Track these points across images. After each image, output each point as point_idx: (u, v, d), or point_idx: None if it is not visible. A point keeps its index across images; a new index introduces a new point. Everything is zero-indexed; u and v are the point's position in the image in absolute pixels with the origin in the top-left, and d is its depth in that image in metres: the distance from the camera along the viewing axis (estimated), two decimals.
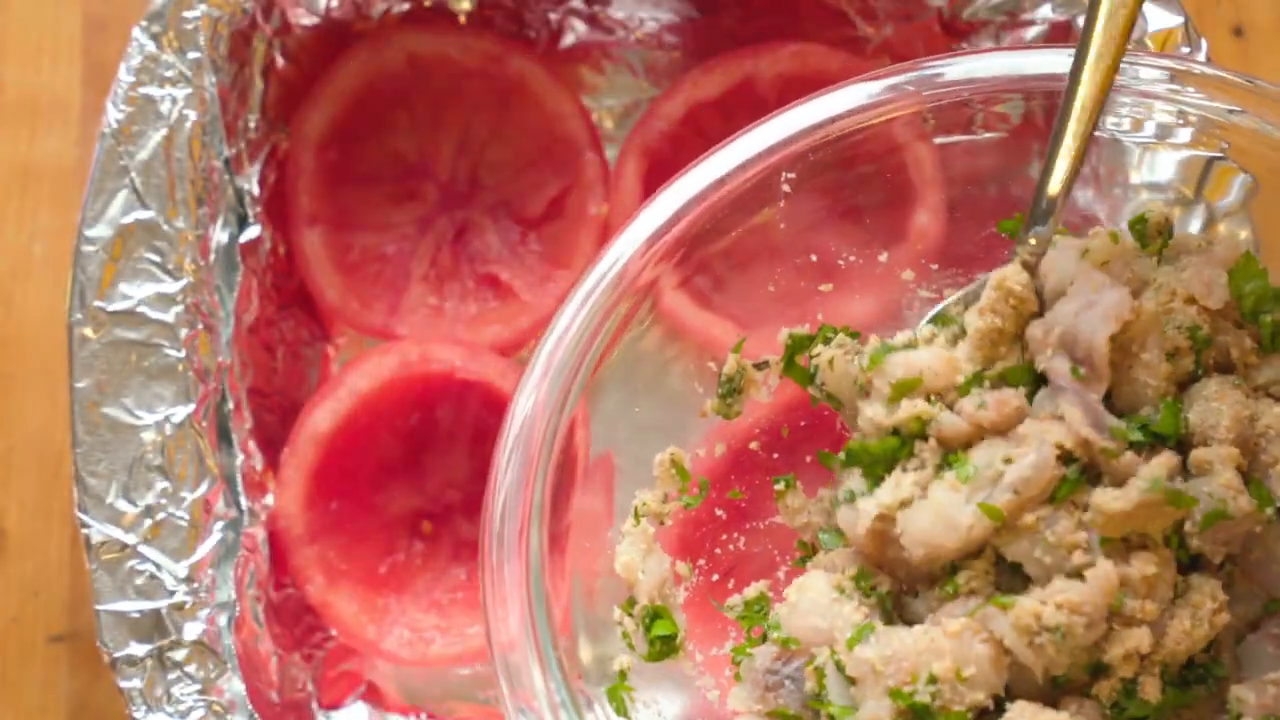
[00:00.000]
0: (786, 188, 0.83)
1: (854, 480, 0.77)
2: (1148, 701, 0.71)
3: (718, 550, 0.87)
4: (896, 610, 0.76)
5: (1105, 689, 0.72)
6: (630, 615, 0.80)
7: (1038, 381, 0.75)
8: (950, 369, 0.75)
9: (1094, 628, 0.70)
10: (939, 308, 0.83)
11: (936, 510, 0.73)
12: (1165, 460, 0.71)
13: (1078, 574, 0.71)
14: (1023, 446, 0.72)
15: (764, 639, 0.78)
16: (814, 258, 0.87)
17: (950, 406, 0.75)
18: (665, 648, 0.80)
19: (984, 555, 0.74)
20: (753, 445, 0.87)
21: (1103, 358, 0.72)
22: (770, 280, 0.87)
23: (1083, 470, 0.72)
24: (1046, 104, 0.83)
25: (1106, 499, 0.70)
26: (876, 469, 0.76)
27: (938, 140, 0.86)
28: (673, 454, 0.83)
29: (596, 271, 0.79)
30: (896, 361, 0.76)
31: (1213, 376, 0.75)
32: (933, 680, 0.70)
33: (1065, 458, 0.72)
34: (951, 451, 0.74)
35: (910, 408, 0.74)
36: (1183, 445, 0.74)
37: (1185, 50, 0.91)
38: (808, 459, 0.86)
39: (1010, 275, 0.76)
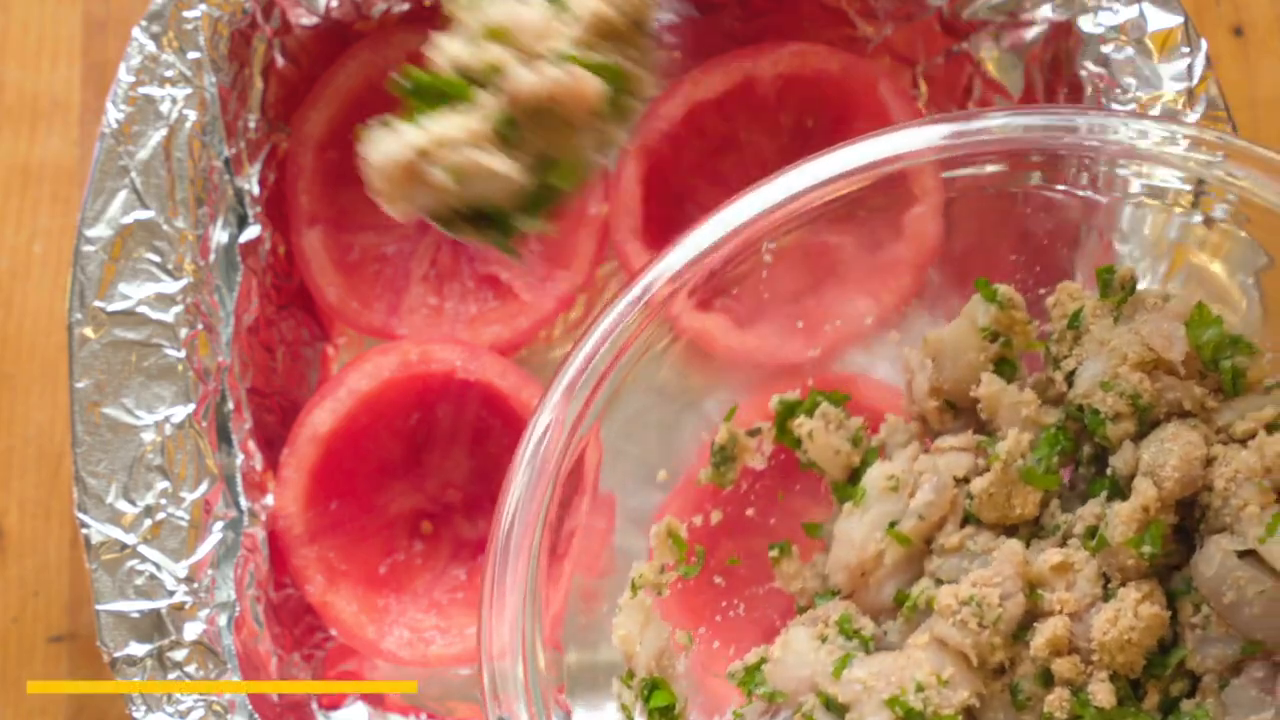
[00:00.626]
0: (768, 257, 0.85)
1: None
2: (1104, 710, 0.74)
3: (717, 617, 0.89)
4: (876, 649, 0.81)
5: (1057, 699, 0.75)
6: (629, 687, 0.81)
7: None
8: (548, 30, 0.76)
9: (1010, 601, 0.76)
10: None
11: (848, 539, 0.81)
12: (1017, 438, 0.79)
13: None
14: (923, 476, 0.80)
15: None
16: (800, 324, 0.90)
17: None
18: (665, 719, 0.81)
19: (925, 574, 0.80)
20: (749, 512, 0.89)
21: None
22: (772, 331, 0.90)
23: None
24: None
25: (976, 484, 0.79)
26: (435, 103, 0.76)
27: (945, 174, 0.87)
28: (669, 524, 0.85)
29: (624, 299, 0.80)
30: (498, 6, 0.76)
31: (1171, 420, 0.79)
32: (920, 688, 0.75)
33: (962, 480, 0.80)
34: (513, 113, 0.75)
35: (491, 52, 0.75)
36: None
37: (1185, 50, 0.91)
38: (804, 522, 0.87)
39: None
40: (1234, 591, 0.74)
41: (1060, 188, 0.97)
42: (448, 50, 0.77)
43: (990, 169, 0.84)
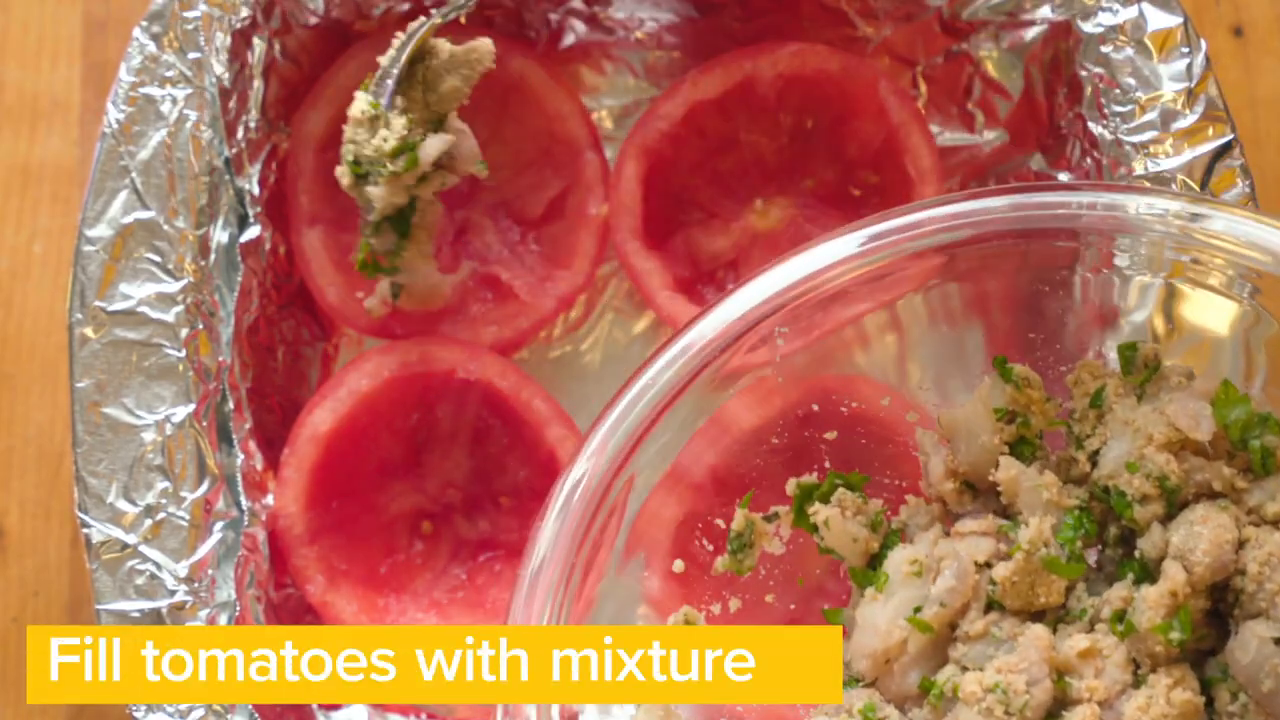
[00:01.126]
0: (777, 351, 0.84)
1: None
2: None
3: (739, 708, 0.87)
4: None
5: None
6: None
7: None
8: None
9: (1038, 688, 0.74)
10: None
11: (871, 626, 0.79)
12: (1039, 526, 0.77)
13: None
14: (943, 561, 0.78)
15: None
16: (815, 407, 0.88)
17: None
18: None
19: (950, 661, 0.78)
20: (769, 598, 0.87)
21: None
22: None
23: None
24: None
25: (999, 570, 0.77)
26: None
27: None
28: (686, 614, 0.83)
29: (684, 341, 0.80)
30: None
31: (1200, 502, 0.77)
32: None
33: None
34: None
35: None
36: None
37: (1184, 50, 0.91)
38: (825, 608, 0.86)
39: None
40: (1273, 679, 0.72)
41: (1062, 177, 0.98)
42: None
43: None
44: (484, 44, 0.92)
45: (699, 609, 0.84)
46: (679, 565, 0.85)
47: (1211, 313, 0.83)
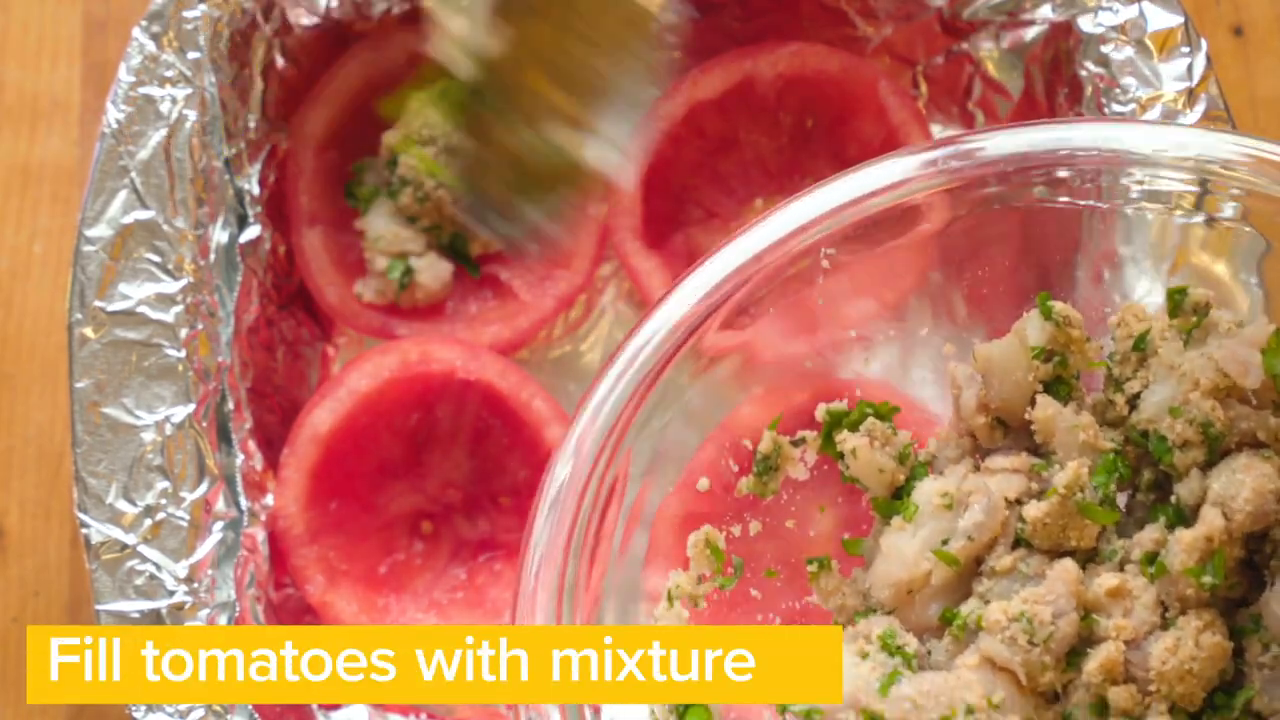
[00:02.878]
0: (825, 263, 0.82)
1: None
2: None
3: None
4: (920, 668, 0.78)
5: None
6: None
7: None
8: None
9: (1063, 620, 0.73)
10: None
11: (897, 556, 0.78)
12: (1076, 469, 0.76)
13: None
14: (972, 496, 0.77)
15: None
16: (852, 333, 0.87)
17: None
18: None
19: (974, 595, 0.78)
20: (789, 524, 0.87)
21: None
22: (808, 354, 0.87)
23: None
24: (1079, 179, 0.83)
25: (1030, 510, 0.76)
26: None
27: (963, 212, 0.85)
28: (707, 534, 0.83)
29: (643, 334, 0.79)
30: None
31: (1243, 451, 0.76)
32: (970, 710, 0.73)
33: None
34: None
35: None
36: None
37: (1185, 50, 0.91)
38: (846, 536, 0.86)
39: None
40: None
41: (1063, 199, 0.97)
42: None
43: (994, 188, 0.83)
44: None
45: (720, 529, 0.83)
46: (704, 483, 0.84)
47: (1208, 252, 0.83)
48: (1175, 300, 0.80)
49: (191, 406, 0.89)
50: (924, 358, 0.90)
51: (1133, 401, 0.79)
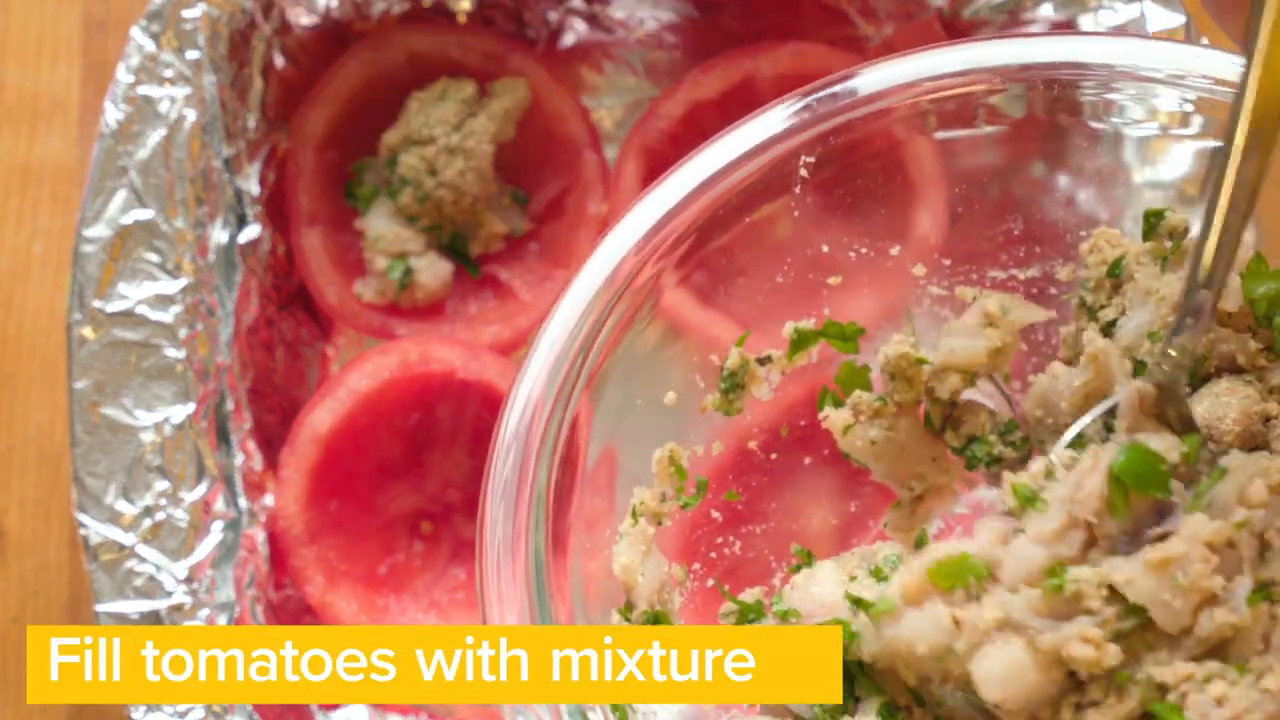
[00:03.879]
0: (799, 183, 0.81)
1: None
2: None
3: (712, 554, 0.85)
4: None
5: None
6: (629, 620, 0.79)
7: None
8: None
9: (1208, 565, 0.67)
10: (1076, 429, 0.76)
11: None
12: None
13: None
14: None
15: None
16: (825, 248, 0.84)
17: None
18: None
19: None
20: (751, 444, 0.86)
21: None
22: (775, 275, 0.85)
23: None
24: (1048, 95, 0.81)
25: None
26: None
27: (939, 135, 0.84)
28: (671, 451, 0.81)
29: (594, 265, 0.77)
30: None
31: (1224, 376, 0.74)
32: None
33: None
34: None
35: None
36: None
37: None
38: (806, 461, 0.85)
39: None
40: None
41: (1063, 179, 0.97)
42: None
43: (988, 129, 0.81)
44: None
45: (684, 447, 0.82)
46: (670, 397, 0.82)
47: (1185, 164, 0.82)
48: (1151, 223, 0.78)
49: (191, 407, 0.89)
50: (898, 281, 0.88)
51: (1109, 329, 0.77)
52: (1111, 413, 0.73)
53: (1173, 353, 0.71)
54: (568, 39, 1.06)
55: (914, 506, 0.82)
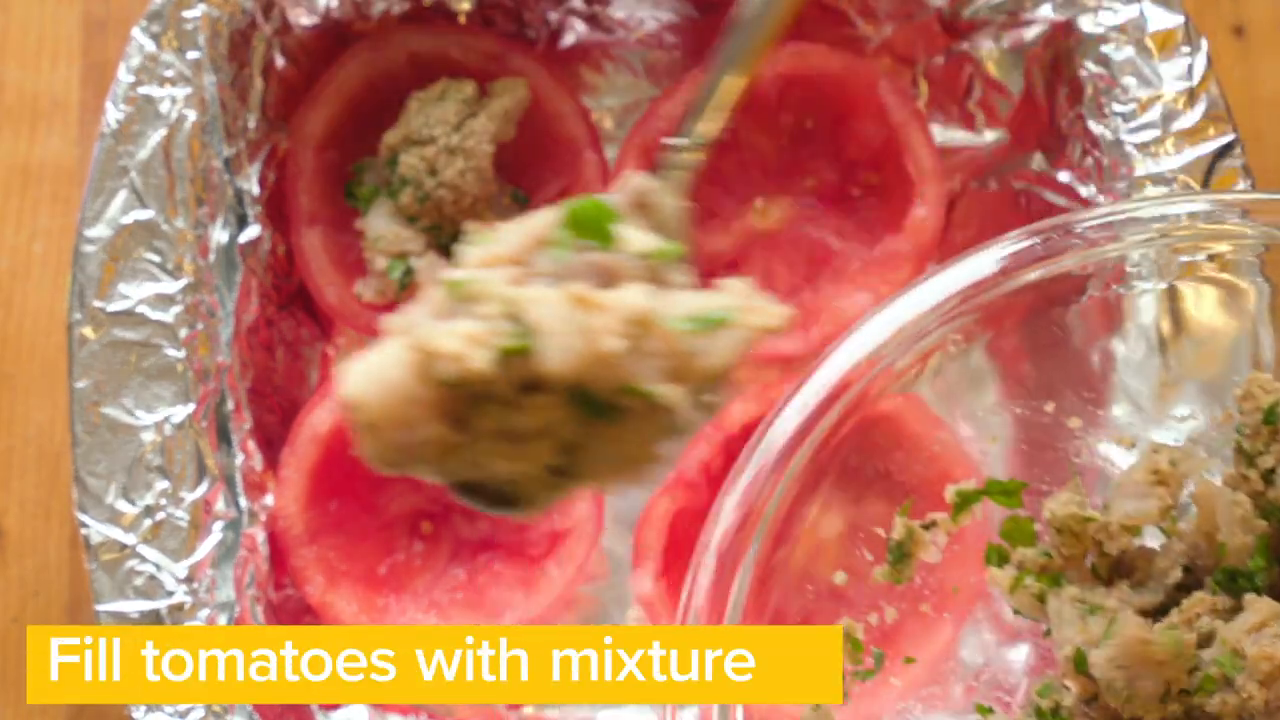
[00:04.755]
0: (953, 346, 0.82)
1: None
2: None
3: None
4: None
5: None
6: None
7: None
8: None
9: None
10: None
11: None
12: None
13: None
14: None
15: None
16: (979, 413, 0.85)
17: None
18: None
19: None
20: (924, 608, 0.86)
21: None
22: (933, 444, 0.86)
23: None
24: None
25: None
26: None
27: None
28: (847, 626, 0.82)
29: (813, 384, 0.78)
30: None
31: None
32: None
33: None
34: None
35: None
36: None
37: (1185, 50, 0.91)
38: (980, 615, 0.85)
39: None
40: None
41: (1063, 176, 0.97)
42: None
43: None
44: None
45: (858, 620, 0.82)
46: (841, 577, 0.83)
47: (1218, 307, 0.82)
48: None
49: (191, 407, 0.89)
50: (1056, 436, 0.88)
51: (1268, 476, 0.78)
52: None
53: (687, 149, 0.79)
54: (568, 39, 1.06)
55: None
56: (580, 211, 0.68)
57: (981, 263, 0.79)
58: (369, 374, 0.64)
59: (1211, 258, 0.80)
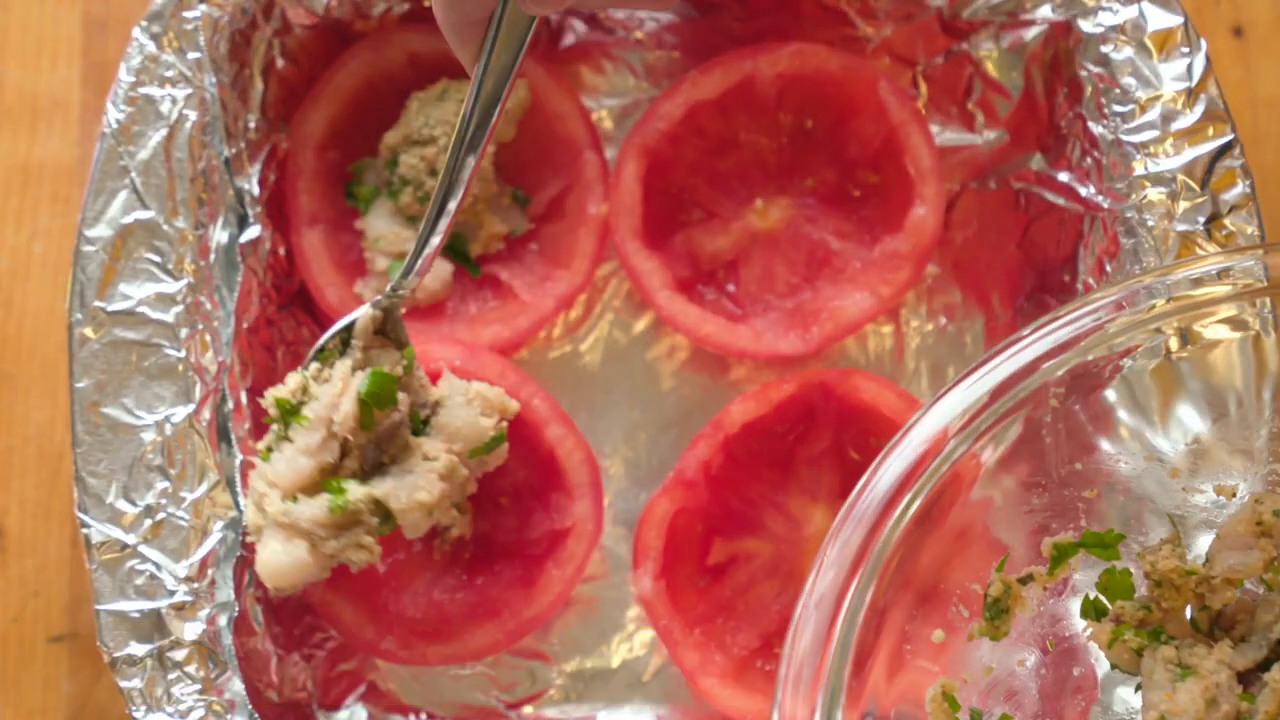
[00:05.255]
0: (1054, 401, 0.81)
1: None
2: None
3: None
4: None
5: None
6: None
7: None
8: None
9: None
10: None
11: None
12: None
13: None
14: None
15: None
16: (1079, 465, 0.84)
17: None
18: None
19: None
20: (1021, 664, 0.85)
21: None
22: (1031, 499, 0.85)
23: None
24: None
25: None
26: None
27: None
28: (944, 685, 0.81)
29: (909, 445, 0.78)
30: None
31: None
32: None
33: None
34: None
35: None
36: None
37: (1185, 50, 0.91)
38: (1076, 672, 0.84)
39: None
40: None
41: (1062, 176, 0.97)
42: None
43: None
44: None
45: (954, 678, 0.81)
46: (939, 635, 0.82)
47: (1221, 350, 0.82)
48: None
49: (191, 406, 0.89)
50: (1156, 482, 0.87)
51: None
52: (350, 329, 0.88)
53: (400, 291, 0.88)
54: (568, 39, 1.06)
55: None
56: (375, 392, 0.86)
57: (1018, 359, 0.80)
58: (277, 567, 0.85)
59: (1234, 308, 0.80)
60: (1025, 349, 0.79)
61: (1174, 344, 0.81)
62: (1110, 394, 0.82)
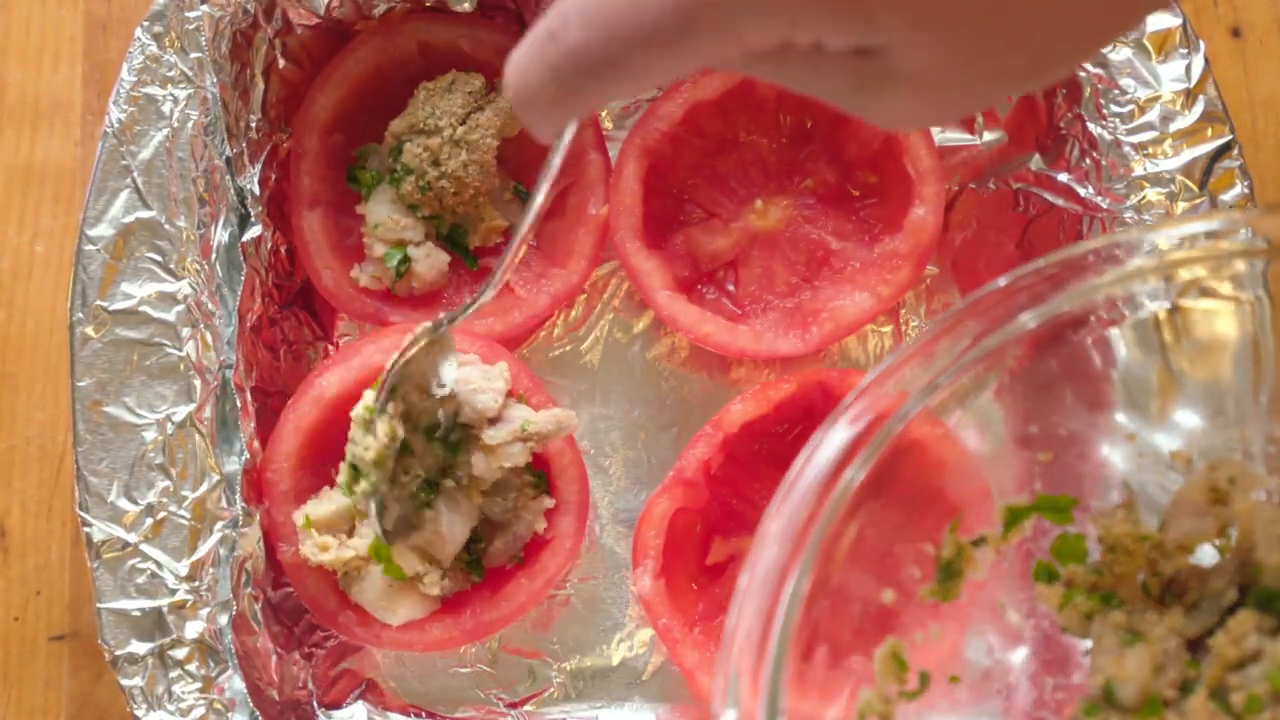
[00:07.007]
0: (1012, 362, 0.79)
1: None
2: None
3: None
4: None
5: None
6: None
7: None
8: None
9: None
10: None
11: None
12: None
13: None
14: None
15: None
16: (1034, 428, 0.83)
17: None
18: None
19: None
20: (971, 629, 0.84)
21: None
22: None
23: None
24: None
25: None
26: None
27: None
28: (893, 646, 0.80)
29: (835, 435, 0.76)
30: None
31: None
32: None
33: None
34: None
35: None
36: None
37: (1183, 51, 0.91)
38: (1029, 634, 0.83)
39: None
40: None
41: (1061, 177, 0.97)
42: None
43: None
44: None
45: (903, 639, 0.80)
46: (889, 595, 0.81)
47: (1217, 319, 0.82)
48: None
49: (193, 406, 0.89)
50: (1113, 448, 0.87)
51: None
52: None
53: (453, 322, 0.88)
54: None
55: None
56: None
57: (991, 301, 0.78)
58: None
59: (1214, 273, 0.80)
60: (1000, 302, 0.77)
61: (1151, 306, 0.80)
62: (1081, 352, 0.81)
